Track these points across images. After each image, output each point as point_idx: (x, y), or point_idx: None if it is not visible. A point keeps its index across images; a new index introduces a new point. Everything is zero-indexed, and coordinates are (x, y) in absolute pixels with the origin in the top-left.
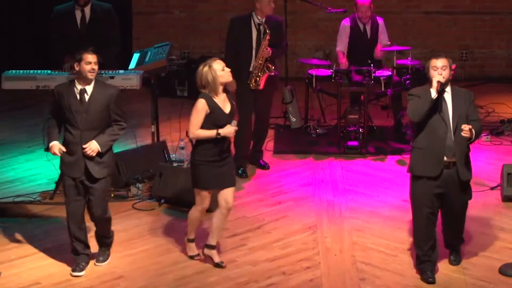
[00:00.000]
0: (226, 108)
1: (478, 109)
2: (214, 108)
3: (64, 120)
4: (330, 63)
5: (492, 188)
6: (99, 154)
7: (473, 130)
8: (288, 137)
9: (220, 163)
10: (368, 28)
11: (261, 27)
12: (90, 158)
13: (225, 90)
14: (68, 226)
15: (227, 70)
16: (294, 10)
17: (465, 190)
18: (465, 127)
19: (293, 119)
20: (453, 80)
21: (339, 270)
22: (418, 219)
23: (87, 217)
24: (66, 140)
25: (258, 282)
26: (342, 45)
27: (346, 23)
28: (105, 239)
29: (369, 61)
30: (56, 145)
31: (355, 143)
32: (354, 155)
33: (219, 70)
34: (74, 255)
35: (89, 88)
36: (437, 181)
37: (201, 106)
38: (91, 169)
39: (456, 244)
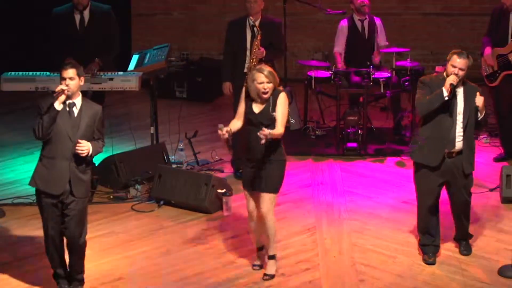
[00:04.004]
0: (256, 109)
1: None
2: (249, 110)
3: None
4: (329, 65)
5: (491, 190)
6: (82, 172)
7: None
8: (287, 138)
9: (250, 164)
10: (366, 26)
11: (254, 28)
12: (75, 175)
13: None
14: (48, 250)
15: (262, 84)
16: (294, 11)
17: (467, 178)
18: None
19: (292, 121)
20: None
21: (338, 271)
22: (420, 208)
23: None
24: (49, 154)
25: (257, 283)
26: (340, 46)
27: (343, 24)
28: (77, 274)
29: (368, 63)
30: None
31: (354, 144)
32: (353, 156)
33: (256, 81)
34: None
35: (78, 102)
36: (439, 170)
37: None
38: (74, 187)
39: (463, 238)
